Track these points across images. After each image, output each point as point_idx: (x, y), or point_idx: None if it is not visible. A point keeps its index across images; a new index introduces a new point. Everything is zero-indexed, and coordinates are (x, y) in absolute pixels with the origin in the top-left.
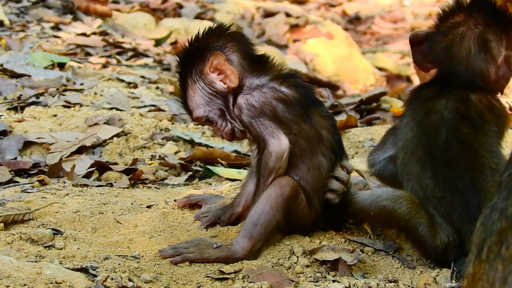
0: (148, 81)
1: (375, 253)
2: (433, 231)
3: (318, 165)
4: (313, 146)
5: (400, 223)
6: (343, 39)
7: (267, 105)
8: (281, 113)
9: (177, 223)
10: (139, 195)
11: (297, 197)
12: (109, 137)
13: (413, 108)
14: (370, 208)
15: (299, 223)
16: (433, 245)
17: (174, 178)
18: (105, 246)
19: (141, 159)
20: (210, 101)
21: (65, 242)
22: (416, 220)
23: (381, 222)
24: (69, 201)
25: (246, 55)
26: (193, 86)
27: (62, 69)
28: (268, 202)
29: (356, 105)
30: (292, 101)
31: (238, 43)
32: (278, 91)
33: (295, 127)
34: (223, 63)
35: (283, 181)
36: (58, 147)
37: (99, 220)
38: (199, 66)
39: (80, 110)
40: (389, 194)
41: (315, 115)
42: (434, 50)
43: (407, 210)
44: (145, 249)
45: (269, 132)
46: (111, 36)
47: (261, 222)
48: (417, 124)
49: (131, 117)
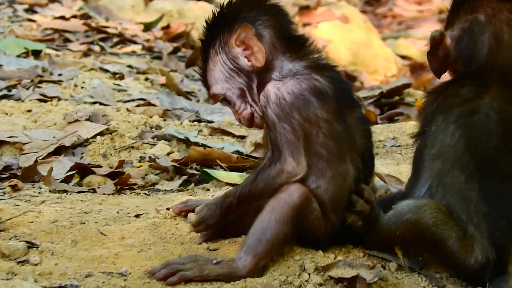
0: (136, 71)
1: (398, 269)
2: (465, 248)
3: (343, 173)
4: (342, 151)
5: (426, 235)
6: (360, 23)
7: (300, 100)
8: (313, 112)
9: (170, 235)
10: (126, 203)
11: (307, 207)
12: (92, 136)
13: (448, 110)
14: (395, 227)
15: (310, 237)
16: (465, 264)
17: (167, 183)
18: (87, 261)
19: (129, 161)
20: (230, 78)
21: (41, 256)
22: (444, 232)
23: (409, 241)
24: (46, 209)
25: (281, 33)
26: (214, 58)
27: (38, 57)
28: (273, 214)
29: (375, 99)
30: (329, 94)
31: (274, 18)
32: (315, 79)
33: (326, 126)
34: (251, 37)
35: (291, 187)
36: (33, 147)
37: (80, 232)
38: (224, 37)
39: (58, 105)
40: (411, 205)
41: (350, 116)
42: (459, 48)
43: (431, 219)
44: (133, 265)
45: (290, 149)
46: (94, 19)
47: (267, 237)
48: (459, 128)
49: (116, 112)
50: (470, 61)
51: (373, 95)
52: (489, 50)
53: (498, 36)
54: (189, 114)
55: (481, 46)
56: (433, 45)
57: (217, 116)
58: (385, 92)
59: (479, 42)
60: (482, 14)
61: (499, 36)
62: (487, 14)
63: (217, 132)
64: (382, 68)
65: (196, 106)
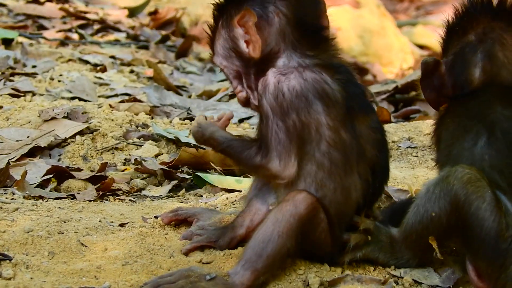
0: (120, 62)
1: (413, 285)
2: (499, 220)
3: (349, 187)
4: (349, 162)
5: (459, 199)
6: (373, 8)
7: (301, 100)
8: (314, 117)
9: (158, 247)
10: (110, 210)
11: (314, 218)
12: (71, 136)
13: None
14: (425, 212)
15: (316, 251)
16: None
17: (155, 189)
18: (66, 275)
19: (112, 163)
20: (229, 57)
21: (14, 270)
22: (477, 191)
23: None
24: (20, 217)
25: (297, 22)
26: (220, 30)
27: (9, 47)
28: (276, 227)
29: (389, 94)
30: (337, 100)
31: (293, 5)
32: (324, 81)
33: (330, 134)
34: (250, 25)
35: (297, 197)
36: (5, 148)
37: (58, 242)
38: (230, 13)
39: (33, 101)
40: (437, 178)
41: (361, 124)
42: (453, 73)
43: (465, 176)
44: (117, 280)
45: (279, 150)
46: (72, 3)
47: (268, 252)
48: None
49: (98, 109)
50: (464, 84)
51: (386, 90)
52: (483, 71)
53: (491, 55)
54: (180, 111)
55: (473, 67)
56: (426, 73)
57: (211, 113)
58: (400, 87)
59: (472, 63)
60: (473, 35)
61: (492, 55)
62: (478, 34)
63: None
64: (397, 59)
65: (187, 102)
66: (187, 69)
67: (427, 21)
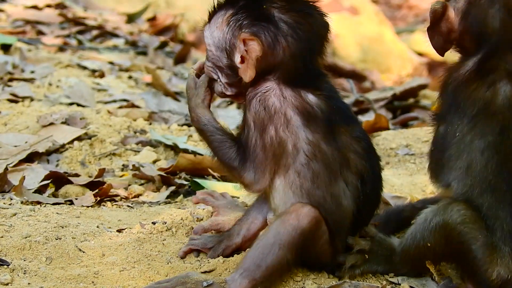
0: (118, 68)
1: None
2: (490, 257)
3: (337, 194)
4: (332, 172)
5: (453, 235)
6: (371, 15)
7: (279, 117)
8: (290, 132)
9: (156, 252)
10: (107, 216)
11: (317, 232)
12: (69, 141)
13: (474, 118)
14: (423, 239)
15: (315, 263)
16: (486, 276)
17: (152, 195)
18: (64, 281)
19: (110, 169)
20: (219, 54)
21: (12, 275)
22: (471, 232)
23: (439, 249)
24: (18, 223)
25: (298, 61)
26: (222, 24)
27: (7, 52)
28: (277, 239)
29: (387, 101)
30: (316, 114)
31: (303, 43)
32: (302, 98)
33: (309, 148)
34: (252, 55)
35: (301, 210)
36: (3, 154)
37: (55, 248)
38: (243, 20)
39: (31, 106)
40: (436, 208)
41: (343, 135)
42: (466, 22)
43: (460, 217)
44: (114, 285)
45: (256, 162)
46: (70, 9)
47: (267, 264)
48: (489, 147)
49: (96, 115)
50: (480, 37)
51: (384, 97)
52: (502, 24)
53: (510, 7)
54: (178, 117)
55: (491, 19)
56: (434, 20)
57: None
58: (398, 94)
59: (489, 16)
60: None
61: (511, 8)
62: None
63: None
64: (395, 66)
65: (185, 108)
66: (186, 75)
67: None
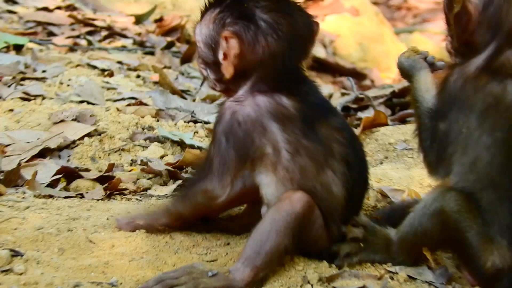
0: (126, 67)
1: (408, 280)
2: (484, 246)
3: (327, 182)
4: (318, 163)
5: (449, 222)
6: (371, 15)
7: (256, 125)
8: (270, 138)
9: (164, 243)
10: (117, 209)
11: (311, 216)
12: (79, 138)
13: (483, 114)
14: (422, 226)
15: (313, 248)
16: (480, 265)
17: (160, 188)
18: (75, 270)
19: (119, 164)
20: (206, 51)
21: (26, 265)
22: (466, 220)
23: (436, 236)
24: (31, 215)
25: (279, 60)
26: (209, 22)
27: (19, 52)
28: (273, 226)
29: (386, 99)
30: (291, 115)
31: (284, 43)
32: (275, 102)
33: (289, 147)
34: (232, 52)
35: (293, 196)
36: (16, 150)
37: (67, 239)
38: (225, 17)
39: (43, 104)
40: (436, 194)
41: (323, 128)
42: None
43: (456, 206)
44: (124, 275)
45: (220, 170)
46: (80, 11)
47: (266, 250)
48: (495, 143)
49: (106, 112)
50: (495, 30)
51: (384, 95)
52: None
53: None
54: (184, 114)
55: (509, 14)
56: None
57: (214, 116)
58: (397, 91)
59: (508, 9)
60: None
61: None
62: None
63: None
64: (394, 65)
65: (191, 105)
66: (192, 74)
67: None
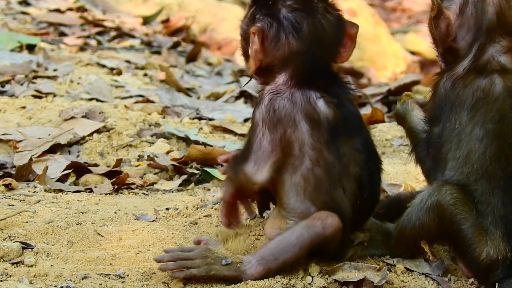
0: (134, 66)
1: (405, 272)
2: (479, 237)
3: (337, 199)
4: (333, 178)
5: (446, 215)
6: (368, 16)
7: (289, 120)
8: (298, 137)
9: (170, 236)
10: (124, 203)
11: (336, 238)
12: (88, 134)
13: (474, 108)
14: (419, 220)
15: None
16: (475, 256)
17: (166, 183)
18: (84, 262)
19: (126, 159)
20: (244, 44)
21: (36, 257)
22: (461, 213)
23: (433, 229)
24: (41, 209)
25: (307, 59)
26: (245, 18)
27: (32, 51)
28: (299, 242)
29: (383, 96)
30: (321, 123)
31: (309, 41)
32: (311, 104)
33: (313, 154)
34: (257, 44)
35: (327, 220)
36: (28, 145)
37: (76, 232)
38: (254, 14)
39: (54, 101)
40: (432, 189)
41: (344, 145)
42: (463, 17)
43: (452, 199)
44: (131, 267)
45: (257, 155)
46: (90, 12)
47: (284, 258)
48: (488, 134)
49: (114, 109)
50: (476, 32)
51: (380, 92)
52: (496, 17)
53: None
54: (189, 111)
55: (486, 14)
56: (438, 12)
57: (218, 113)
58: (393, 89)
59: (484, 10)
60: None
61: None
62: None
63: (218, 130)
64: (390, 64)
65: (196, 103)
66: (196, 72)
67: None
